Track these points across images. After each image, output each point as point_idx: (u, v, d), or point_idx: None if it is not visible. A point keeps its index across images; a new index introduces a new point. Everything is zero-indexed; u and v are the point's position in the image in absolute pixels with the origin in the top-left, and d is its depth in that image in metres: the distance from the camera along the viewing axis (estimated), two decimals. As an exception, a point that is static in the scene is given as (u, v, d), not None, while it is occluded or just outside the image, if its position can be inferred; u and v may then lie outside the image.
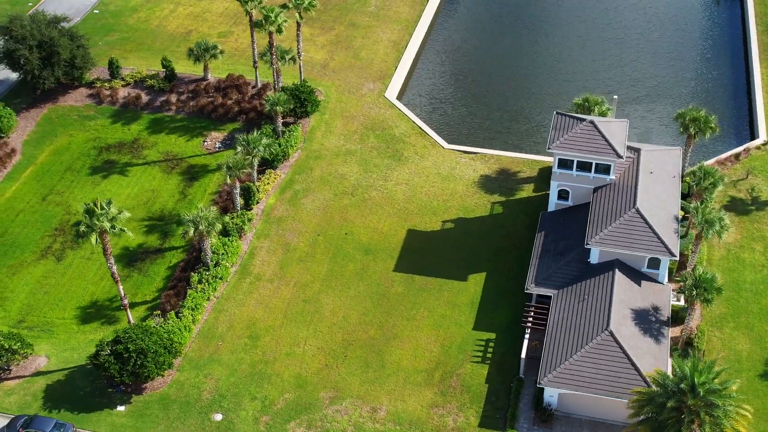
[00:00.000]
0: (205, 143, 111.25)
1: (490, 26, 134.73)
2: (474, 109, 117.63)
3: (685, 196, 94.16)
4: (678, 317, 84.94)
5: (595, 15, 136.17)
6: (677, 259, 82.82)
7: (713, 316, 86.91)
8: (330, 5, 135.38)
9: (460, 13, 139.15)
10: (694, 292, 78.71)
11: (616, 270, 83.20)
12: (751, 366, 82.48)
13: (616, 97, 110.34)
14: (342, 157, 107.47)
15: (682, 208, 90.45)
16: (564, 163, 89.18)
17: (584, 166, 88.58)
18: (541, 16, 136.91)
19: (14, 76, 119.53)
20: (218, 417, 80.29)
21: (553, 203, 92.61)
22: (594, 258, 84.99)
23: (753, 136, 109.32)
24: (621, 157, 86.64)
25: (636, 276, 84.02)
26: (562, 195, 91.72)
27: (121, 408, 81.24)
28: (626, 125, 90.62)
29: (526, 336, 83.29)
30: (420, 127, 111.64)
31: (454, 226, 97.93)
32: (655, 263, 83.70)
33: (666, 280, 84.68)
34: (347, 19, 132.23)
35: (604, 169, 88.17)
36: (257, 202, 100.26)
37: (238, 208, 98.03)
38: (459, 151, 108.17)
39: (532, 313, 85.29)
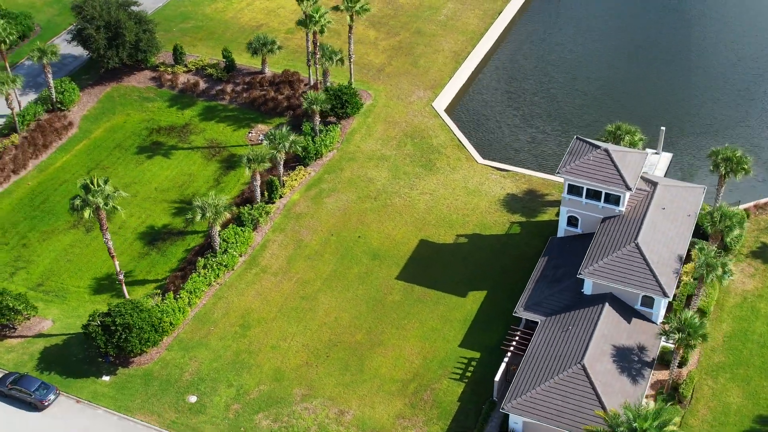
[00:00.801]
0: (250, 135, 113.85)
1: (557, 48, 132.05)
2: (520, 128, 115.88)
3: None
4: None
5: (669, 45, 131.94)
6: (670, 299, 79.89)
7: (711, 363, 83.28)
8: (401, 11, 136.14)
9: (530, 30, 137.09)
10: (677, 336, 75.77)
11: (606, 304, 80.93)
12: (738, 421, 78.56)
13: (663, 128, 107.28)
14: (374, 161, 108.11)
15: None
16: (574, 189, 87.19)
17: (594, 195, 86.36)
18: (615, 44, 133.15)
19: (86, 53, 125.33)
20: (193, 399, 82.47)
21: (563, 229, 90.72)
22: (587, 289, 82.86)
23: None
24: (630, 189, 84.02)
25: (628, 313, 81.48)
26: (572, 222, 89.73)
27: (106, 378, 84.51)
28: (645, 158, 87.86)
29: (505, 359, 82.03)
30: (459, 140, 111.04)
31: (467, 242, 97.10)
32: (649, 302, 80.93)
33: (660, 320, 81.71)
34: (414, 26, 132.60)
35: (614, 200, 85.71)
36: (280, 197, 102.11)
37: (258, 200, 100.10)
38: (491, 167, 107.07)
39: (517, 337, 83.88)
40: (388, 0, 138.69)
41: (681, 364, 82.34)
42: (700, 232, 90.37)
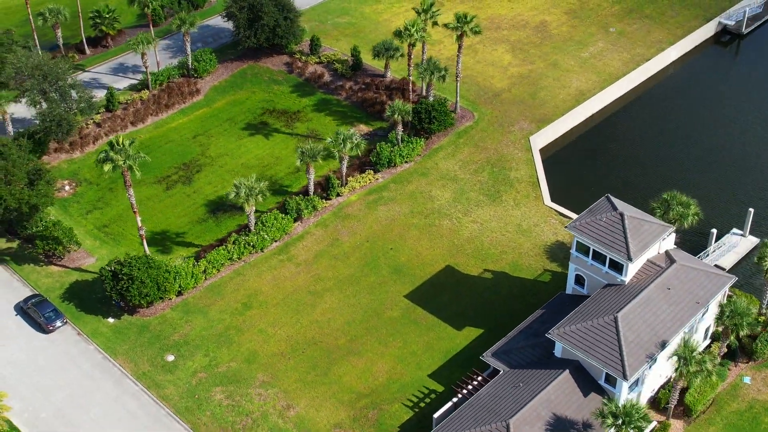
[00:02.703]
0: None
1: (687, 107, 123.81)
2: (607, 179, 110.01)
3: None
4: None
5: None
6: (628, 383, 74.21)
7: (676, 464, 76.69)
8: (548, 41, 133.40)
9: (668, 86, 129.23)
10: (610, 421, 70.58)
11: (567, 371, 76.63)
12: None
13: (751, 210, 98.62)
14: (443, 181, 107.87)
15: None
16: (582, 248, 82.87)
17: (600, 257, 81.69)
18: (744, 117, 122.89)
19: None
20: (170, 358, 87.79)
21: (570, 287, 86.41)
22: (557, 351, 78.81)
23: None
24: (631, 259, 78.63)
25: (588, 386, 76.64)
26: (579, 281, 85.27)
27: (110, 320, 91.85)
28: (665, 231, 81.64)
29: (454, 399, 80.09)
30: (537, 177, 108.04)
31: (491, 278, 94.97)
32: (612, 380, 75.67)
33: (622, 401, 76.04)
34: (553, 58, 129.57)
35: (618, 267, 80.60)
36: (337, 195, 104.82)
37: (311, 194, 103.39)
38: (555, 210, 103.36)
39: (478, 381, 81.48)
40: (540, 28, 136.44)
41: (640, 455, 76.50)
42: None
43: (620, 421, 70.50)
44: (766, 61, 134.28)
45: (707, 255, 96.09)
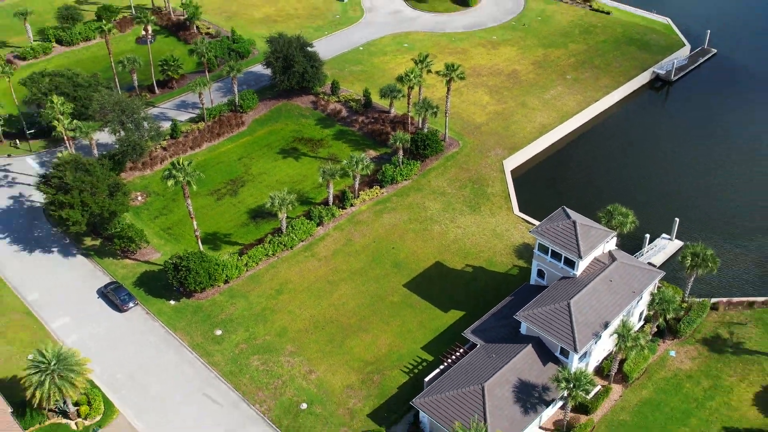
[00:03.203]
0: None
1: (627, 138, 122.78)
2: (564, 194, 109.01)
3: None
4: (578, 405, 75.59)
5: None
6: (578, 355, 73.49)
7: (615, 419, 75.97)
8: (517, 85, 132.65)
9: (612, 121, 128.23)
10: (563, 384, 69.89)
11: (530, 345, 76.09)
12: (613, 472, 71.27)
13: (677, 219, 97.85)
14: (435, 195, 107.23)
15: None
16: (543, 248, 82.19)
17: (556, 256, 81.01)
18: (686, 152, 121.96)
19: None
20: (218, 332, 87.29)
21: (534, 278, 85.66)
22: (523, 329, 78.19)
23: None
24: (581, 257, 77.97)
25: (546, 357, 76.05)
26: (540, 274, 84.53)
27: (172, 302, 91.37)
28: (608, 235, 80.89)
29: (441, 366, 79.42)
30: (509, 193, 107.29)
31: (471, 271, 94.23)
32: (565, 353, 74.99)
33: (573, 369, 75.28)
34: (522, 99, 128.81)
35: (570, 264, 79.91)
36: (351, 205, 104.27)
37: (330, 204, 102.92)
38: (523, 219, 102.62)
39: (460, 352, 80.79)
40: (512, 75, 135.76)
41: (587, 411, 75.73)
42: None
43: (572, 385, 70.00)
44: (689, 103, 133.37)
45: (642, 255, 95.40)
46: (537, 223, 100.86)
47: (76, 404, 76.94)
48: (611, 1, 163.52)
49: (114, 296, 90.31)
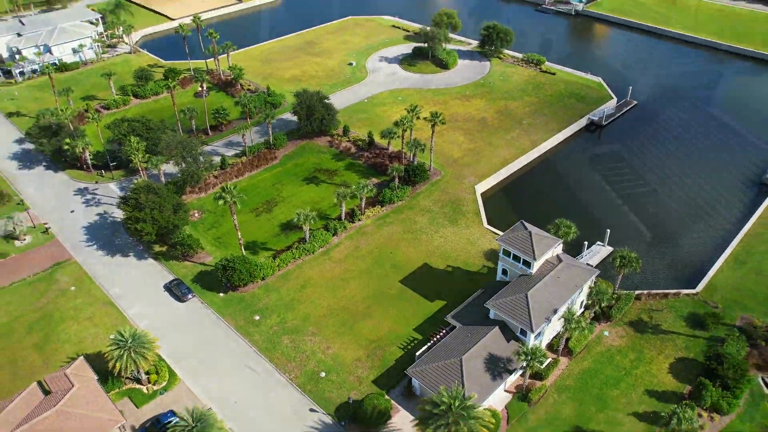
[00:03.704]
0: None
1: (568, 169, 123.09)
2: (521, 211, 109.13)
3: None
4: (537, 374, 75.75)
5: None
6: (534, 334, 73.85)
7: (562, 384, 76.10)
8: (486, 129, 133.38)
9: (557, 156, 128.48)
10: (522, 357, 70.20)
11: (497, 327, 76.62)
12: (561, 426, 71.17)
13: (608, 230, 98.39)
14: (422, 212, 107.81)
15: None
16: (506, 252, 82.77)
17: (516, 258, 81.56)
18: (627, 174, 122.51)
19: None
20: (257, 318, 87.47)
21: (499, 276, 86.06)
22: (491, 315, 78.59)
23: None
24: (536, 259, 78.58)
25: (509, 336, 76.40)
26: (505, 272, 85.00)
27: (221, 294, 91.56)
28: (556, 243, 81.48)
29: (429, 344, 79.68)
30: (479, 210, 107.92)
31: (451, 270, 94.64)
32: (524, 333, 75.38)
33: (530, 345, 75.51)
34: (489, 139, 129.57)
35: (527, 264, 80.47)
36: (358, 220, 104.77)
37: (342, 219, 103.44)
38: (491, 230, 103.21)
39: (442, 333, 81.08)
40: (481, 121, 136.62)
41: (541, 378, 75.89)
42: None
43: (529, 358, 70.37)
44: (617, 141, 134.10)
45: (582, 257, 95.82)
46: (501, 233, 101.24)
47: (147, 373, 77.15)
48: (556, 65, 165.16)
49: (176, 290, 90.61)
